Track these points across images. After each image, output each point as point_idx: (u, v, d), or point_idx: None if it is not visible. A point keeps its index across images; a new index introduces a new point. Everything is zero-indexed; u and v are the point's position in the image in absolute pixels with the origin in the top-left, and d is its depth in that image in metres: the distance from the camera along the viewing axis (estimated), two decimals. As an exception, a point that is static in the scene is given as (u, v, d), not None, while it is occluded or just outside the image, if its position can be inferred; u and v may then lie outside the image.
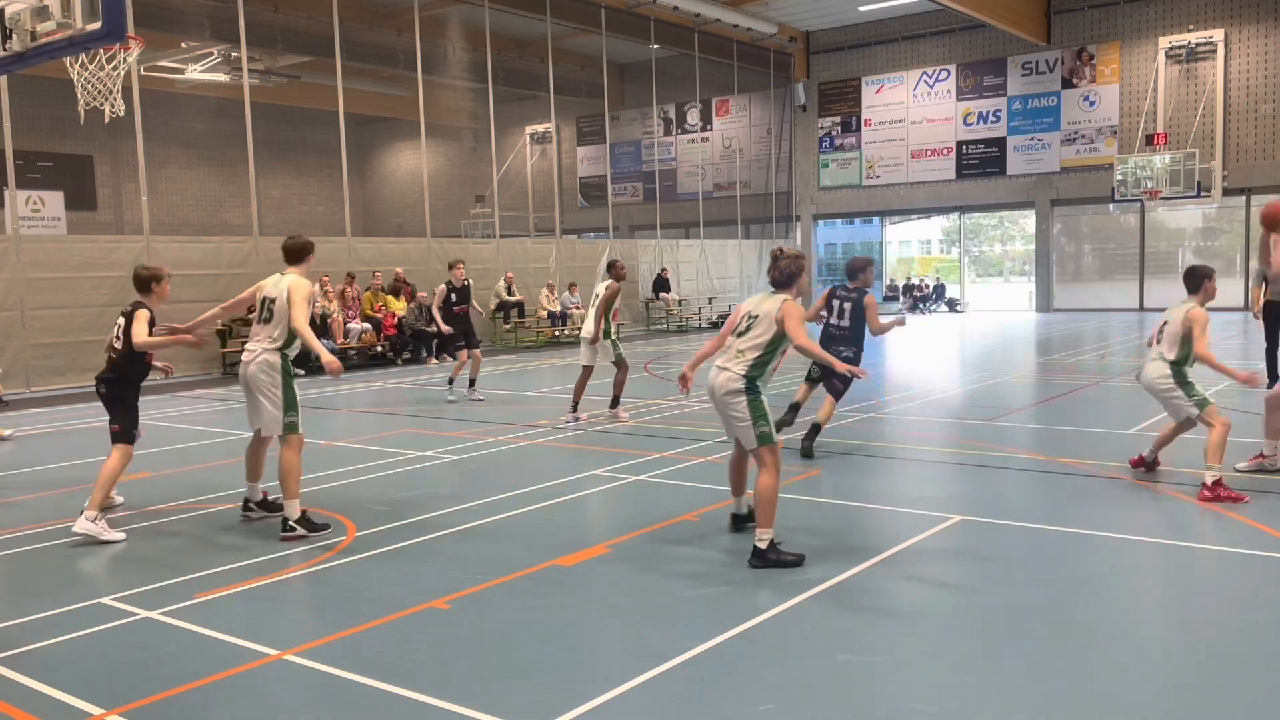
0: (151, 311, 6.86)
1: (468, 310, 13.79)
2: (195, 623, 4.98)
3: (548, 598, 5.33)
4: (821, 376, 9.05)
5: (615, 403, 11.25)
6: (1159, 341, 7.45)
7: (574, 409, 11.01)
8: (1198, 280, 7.34)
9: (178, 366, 17.16)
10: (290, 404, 6.67)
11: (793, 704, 3.97)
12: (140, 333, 6.69)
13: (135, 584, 5.61)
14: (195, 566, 5.92)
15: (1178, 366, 7.27)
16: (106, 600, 5.35)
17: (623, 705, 3.99)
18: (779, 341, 5.88)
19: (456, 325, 13.48)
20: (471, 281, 14.85)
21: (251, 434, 7.06)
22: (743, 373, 5.84)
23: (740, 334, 5.96)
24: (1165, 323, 7.44)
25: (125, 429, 6.80)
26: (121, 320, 6.79)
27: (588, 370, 11.07)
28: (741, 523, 6.44)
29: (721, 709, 3.95)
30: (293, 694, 4.23)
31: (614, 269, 11.08)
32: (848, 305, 8.91)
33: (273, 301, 6.72)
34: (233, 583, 5.62)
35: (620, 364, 11.12)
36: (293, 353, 6.79)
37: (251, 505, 7.13)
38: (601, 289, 10.94)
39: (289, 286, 6.67)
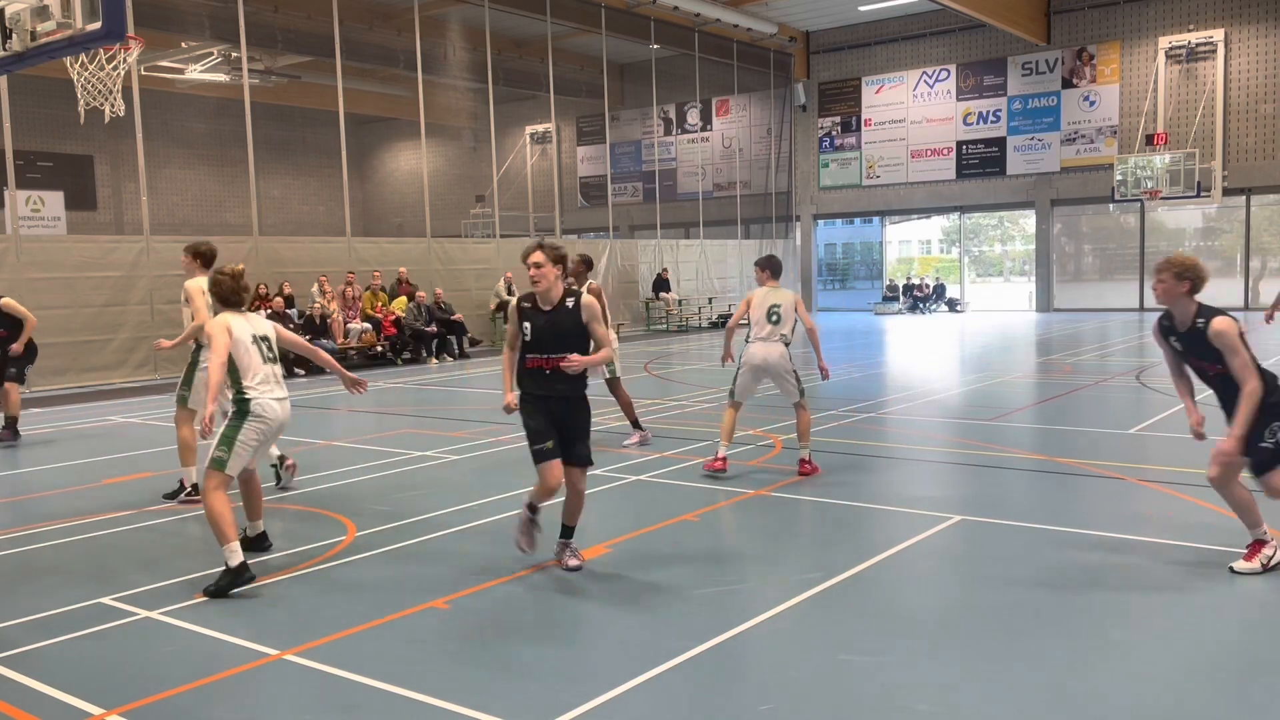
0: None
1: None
2: (195, 623, 4.98)
3: (548, 598, 5.34)
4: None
5: None
6: (776, 323, 8.06)
7: None
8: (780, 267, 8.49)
9: (175, 368, 17.25)
10: None
11: (793, 704, 3.97)
12: None
13: (135, 584, 5.61)
14: (195, 566, 5.91)
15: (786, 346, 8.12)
16: (106, 600, 5.35)
17: (623, 705, 3.99)
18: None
19: None
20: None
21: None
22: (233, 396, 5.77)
23: (271, 360, 5.85)
24: (775, 304, 8.09)
25: None
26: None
27: None
28: (257, 545, 6.11)
29: (721, 709, 3.95)
30: (293, 694, 4.23)
31: None
32: None
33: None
34: (233, 583, 5.61)
35: None
36: None
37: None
38: None
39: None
